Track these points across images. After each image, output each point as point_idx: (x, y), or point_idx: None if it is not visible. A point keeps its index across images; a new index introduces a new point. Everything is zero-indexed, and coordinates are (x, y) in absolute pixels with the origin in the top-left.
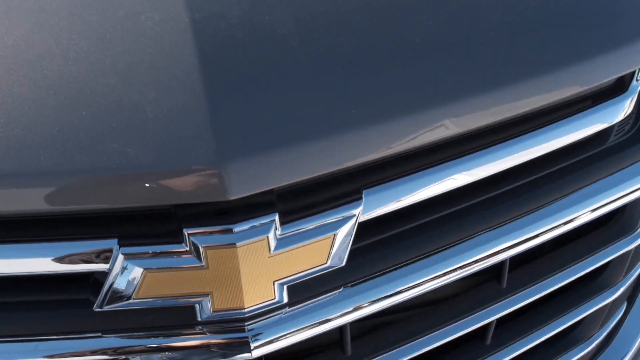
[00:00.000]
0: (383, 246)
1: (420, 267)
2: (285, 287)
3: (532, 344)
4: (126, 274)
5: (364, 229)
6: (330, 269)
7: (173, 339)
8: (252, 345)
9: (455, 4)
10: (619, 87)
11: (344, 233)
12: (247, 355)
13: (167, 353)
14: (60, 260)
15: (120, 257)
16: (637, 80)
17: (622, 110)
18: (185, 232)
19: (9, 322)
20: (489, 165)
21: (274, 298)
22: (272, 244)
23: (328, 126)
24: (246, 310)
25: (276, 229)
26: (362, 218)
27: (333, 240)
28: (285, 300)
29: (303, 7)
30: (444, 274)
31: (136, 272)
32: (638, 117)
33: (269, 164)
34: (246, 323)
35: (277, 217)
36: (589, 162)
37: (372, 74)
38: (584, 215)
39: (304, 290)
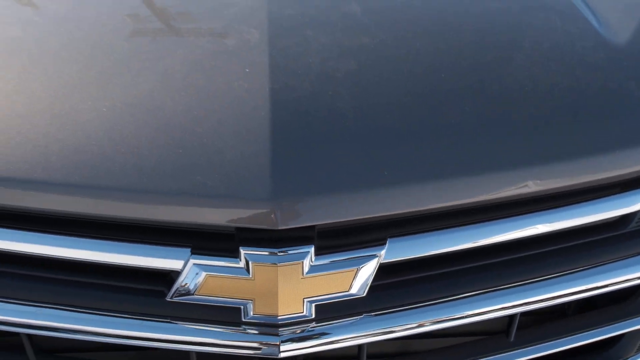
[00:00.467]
0: (403, 286)
1: (432, 310)
2: (313, 305)
3: None
4: (193, 275)
5: (390, 270)
6: (352, 297)
7: (220, 332)
8: (281, 348)
9: (489, 92)
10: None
11: (367, 269)
12: (275, 355)
13: (213, 342)
14: (147, 258)
15: (191, 262)
16: None
17: (631, 206)
18: (242, 250)
19: (106, 300)
20: (508, 233)
21: (303, 312)
22: (306, 268)
23: (363, 183)
24: (279, 317)
25: (311, 258)
26: (385, 260)
27: (356, 274)
28: (312, 315)
29: (359, 88)
30: (451, 319)
31: (201, 275)
32: None
33: (312, 206)
34: (279, 329)
35: (312, 249)
36: (608, 242)
37: (404, 146)
38: (592, 289)
39: (330, 311)
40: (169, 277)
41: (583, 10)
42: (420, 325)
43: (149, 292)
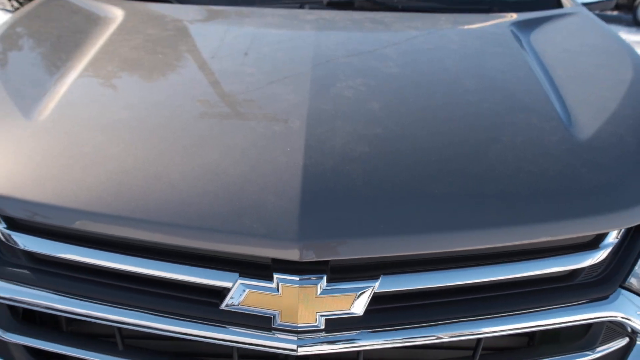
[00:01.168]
0: (391, 310)
1: (411, 330)
2: (323, 318)
3: None
4: (239, 292)
5: (383, 298)
6: (353, 315)
7: (256, 334)
8: (298, 349)
9: (469, 172)
10: (595, 242)
11: (365, 296)
12: (293, 354)
13: (250, 341)
14: (208, 279)
15: (238, 282)
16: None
17: (589, 259)
18: (275, 275)
19: (178, 307)
20: (477, 278)
21: (316, 323)
22: (319, 291)
23: (364, 233)
24: (298, 325)
25: (323, 284)
26: (378, 290)
27: (356, 298)
28: (322, 326)
29: (369, 165)
30: (423, 338)
31: (245, 292)
32: (607, 266)
33: (326, 248)
34: (298, 335)
35: (325, 277)
36: (558, 290)
37: (398, 209)
38: (539, 326)
39: (336, 324)
40: (222, 292)
41: (559, 112)
42: (402, 341)
43: (208, 303)
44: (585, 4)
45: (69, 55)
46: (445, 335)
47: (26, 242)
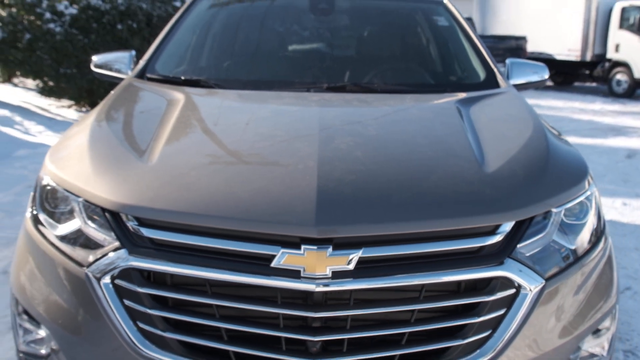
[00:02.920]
0: (372, 268)
1: (383, 278)
2: (330, 271)
3: None
4: (282, 257)
5: (366, 260)
6: (347, 269)
7: (291, 280)
8: (315, 289)
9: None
10: (494, 230)
11: (354, 257)
12: (314, 290)
13: (288, 285)
14: (266, 251)
15: (281, 251)
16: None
17: (490, 240)
18: (302, 246)
19: (244, 267)
20: (421, 249)
21: (326, 273)
22: (327, 255)
23: (357, 220)
24: (316, 274)
25: (329, 250)
26: (362, 255)
27: (349, 260)
28: (330, 275)
29: (359, 183)
30: (390, 284)
31: (285, 256)
32: (502, 244)
33: (332, 230)
34: (315, 280)
35: (331, 247)
36: (471, 258)
37: (380, 204)
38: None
39: (338, 274)
40: (272, 257)
41: (477, 156)
42: (374, 285)
43: (264, 264)
44: (519, 85)
45: (156, 123)
46: (400, 282)
47: (149, 233)
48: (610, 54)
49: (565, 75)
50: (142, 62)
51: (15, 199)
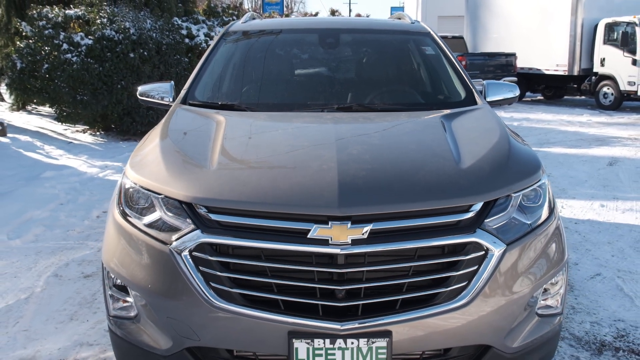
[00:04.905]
0: (380, 237)
1: (386, 243)
2: (350, 239)
3: None
4: (314, 230)
5: (376, 232)
6: (363, 238)
7: (321, 247)
8: (339, 252)
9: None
10: (468, 209)
11: (367, 229)
12: (339, 253)
13: (319, 251)
14: (304, 227)
15: (314, 226)
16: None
17: (465, 216)
18: (330, 222)
19: (287, 239)
20: (413, 223)
21: (347, 240)
22: (348, 227)
23: (364, 204)
24: (339, 242)
25: (349, 224)
26: (373, 228)
27: (363, 230)
28: (350, 243)
29: (368, 176)
30: (391, 248)
31: (317, 230)
32: (474, 219)
33: (350, 210)
34: (340, 246)
35: (350, 222)
36: (451, 229)
37: (383, 191)
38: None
39: (357, 242)
40: (308, 231)
41: (454, 155)
42: (382, 250)
43: (302, 236)
44: (494, 101)
45: (209, 138)
46: (401, 247)
47: (216, 217)
48: (597, 68)
49: (555, 90)
50: (183, 91)
51: (52, 214)
